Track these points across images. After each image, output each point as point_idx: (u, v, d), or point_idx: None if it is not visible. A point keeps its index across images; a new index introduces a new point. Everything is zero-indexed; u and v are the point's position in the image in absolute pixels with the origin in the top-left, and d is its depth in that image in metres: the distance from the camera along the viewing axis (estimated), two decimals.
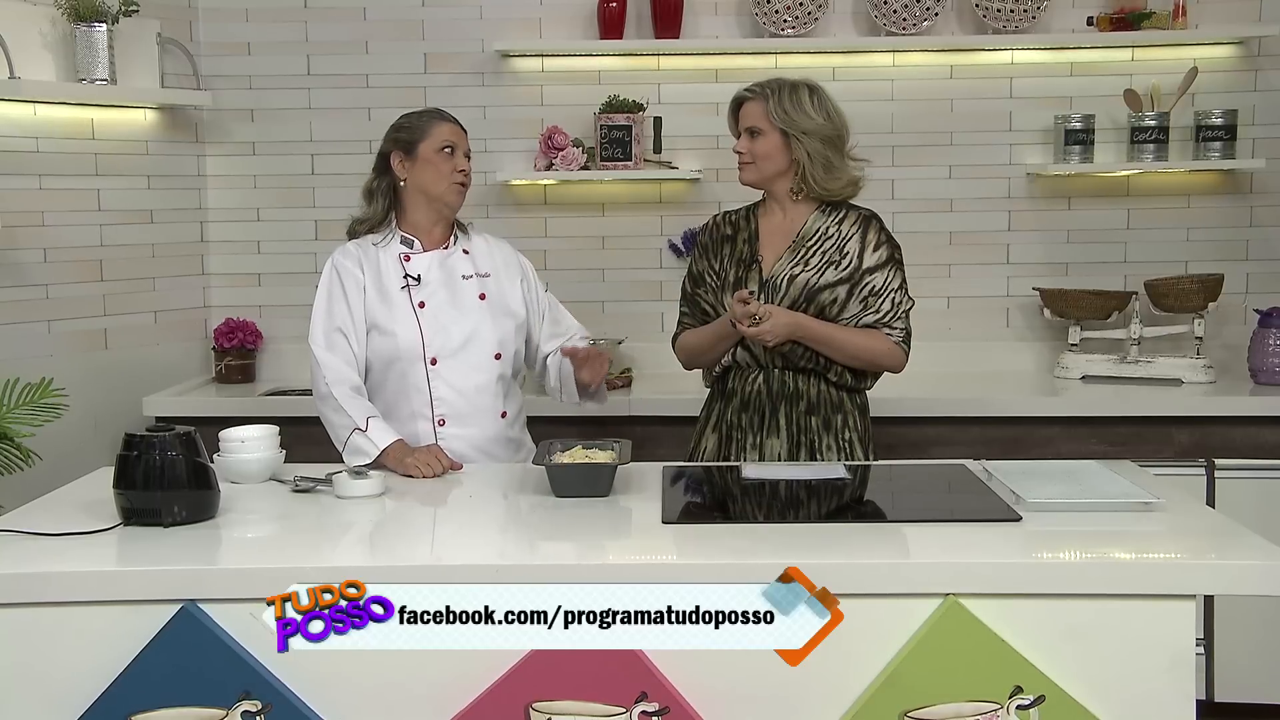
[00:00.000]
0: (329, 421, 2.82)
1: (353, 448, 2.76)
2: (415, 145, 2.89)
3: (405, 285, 2.90)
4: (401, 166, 2.91)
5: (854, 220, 2.93)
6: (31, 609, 2.07)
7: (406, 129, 2.93)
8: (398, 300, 2.90)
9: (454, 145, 2.90)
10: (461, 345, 2.90)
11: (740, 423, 2.93)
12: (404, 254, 2.93)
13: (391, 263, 2.92)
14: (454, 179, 2.90)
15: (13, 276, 3.71)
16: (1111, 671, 2.05)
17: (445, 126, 2.92)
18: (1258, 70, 4.11)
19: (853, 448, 2.93)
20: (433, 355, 2.88)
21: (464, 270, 2.96)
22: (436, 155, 2.89)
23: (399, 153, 2.91)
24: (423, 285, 2.91)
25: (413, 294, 2.90)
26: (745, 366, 2.93)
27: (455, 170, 2.90)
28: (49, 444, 3.30)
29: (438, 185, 2.90)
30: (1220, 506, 3.48)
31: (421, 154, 2.89)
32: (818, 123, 2.87)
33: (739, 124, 2.94)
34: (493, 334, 2.93)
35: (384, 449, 2.73)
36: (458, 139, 2.92)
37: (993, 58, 4.17)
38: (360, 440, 2.75)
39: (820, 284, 2.86)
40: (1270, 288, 4.14)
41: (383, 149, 2.96)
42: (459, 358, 2.89)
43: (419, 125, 2.92)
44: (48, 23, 3.71)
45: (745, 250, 2.95)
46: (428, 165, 2.89)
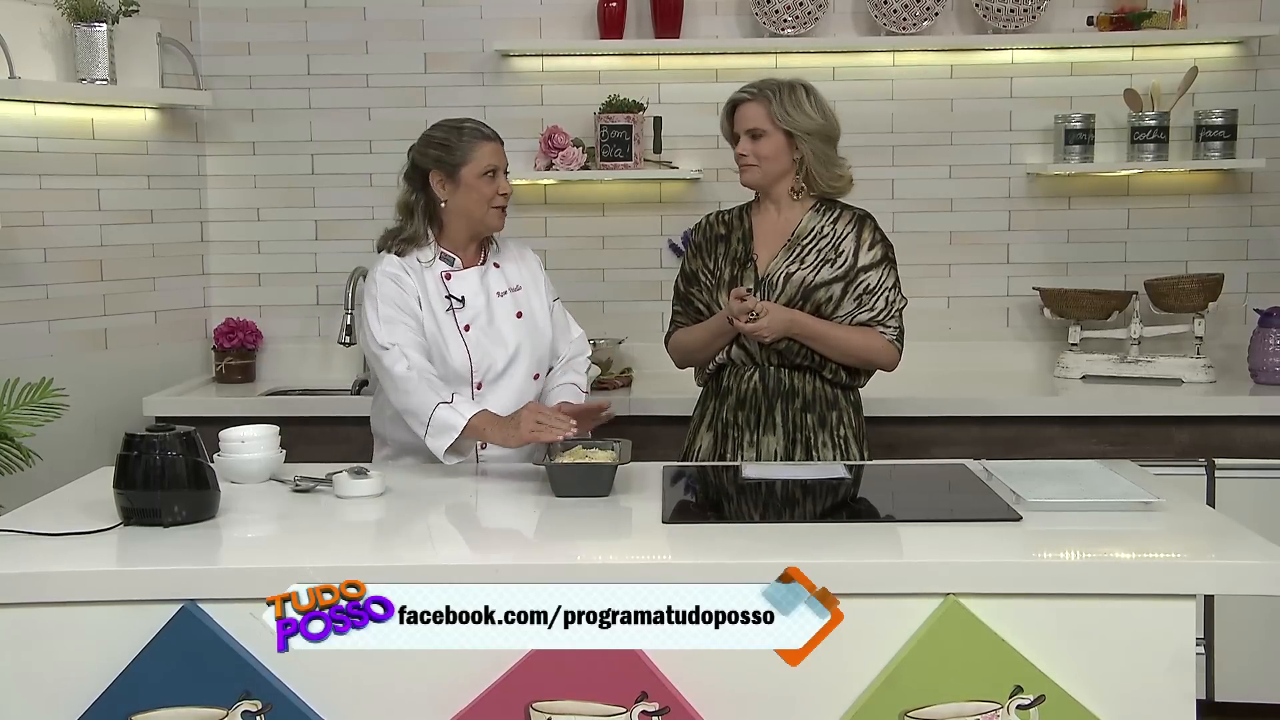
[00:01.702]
0: (407, 407, 2.72)
1: (438, 423, 2.67)
2: (458, 169, 2.80)
3: (450, 308, 2.85)
4: (442, 188, 2.83)
5: (849, 219, 2.94)
6: (31, 609, 2.07)
7: (447, 149, 2.81)
8: (445, 322, 2.83)
9: (496, 167, 2.82)
10: (505, 369, 2.86)
11: (736, 420, 2.93)
12: (446, 272, 2.87)
13: (435, 282, 2.85)
14: (496, 203, 2.83)
15: (13, 276, 3.71)
16: (1111, 671, 2.05)
17: (487, 148, 2.82)
18: (1258, 70, 4.11)
19: (848, 445, 2.93)
20: (479, 379, 2.84)
21: (498, 287, 2.90)
22: (479, 180, 2.81)
23: (440, 174, 2.82)
24: (466, 307, 2.86)
25: (458, 317, 2.85)
26: (740, 364, 2.94)
27: (498, 194, 2.83)
28: (49, 444, 3.31)
29: (480, 209, 2.83)
30: (1220, 506, 3.48)
31: (464, 179, 2.81)
32: (818, 122, 2.88)
33: (735, 126, 2.94)
34: (531, 355, 2.90)
35: (470, 417, 2.65)
36: (499, 160, 2.84)
37: (993, 57, 4.17)
38: (445, 413, 2.66)
39: (816, 282, 2.87)
40: (1270, 287, 4.14)
41: (419, 163, 2.85)
42: (502, 382, 2.86)
43: (461, 147, 2.81)
44: (48, 23, 3.70)
45: (740, 249, 2.95)
46: (471, 191, 2.81)
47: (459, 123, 2.88)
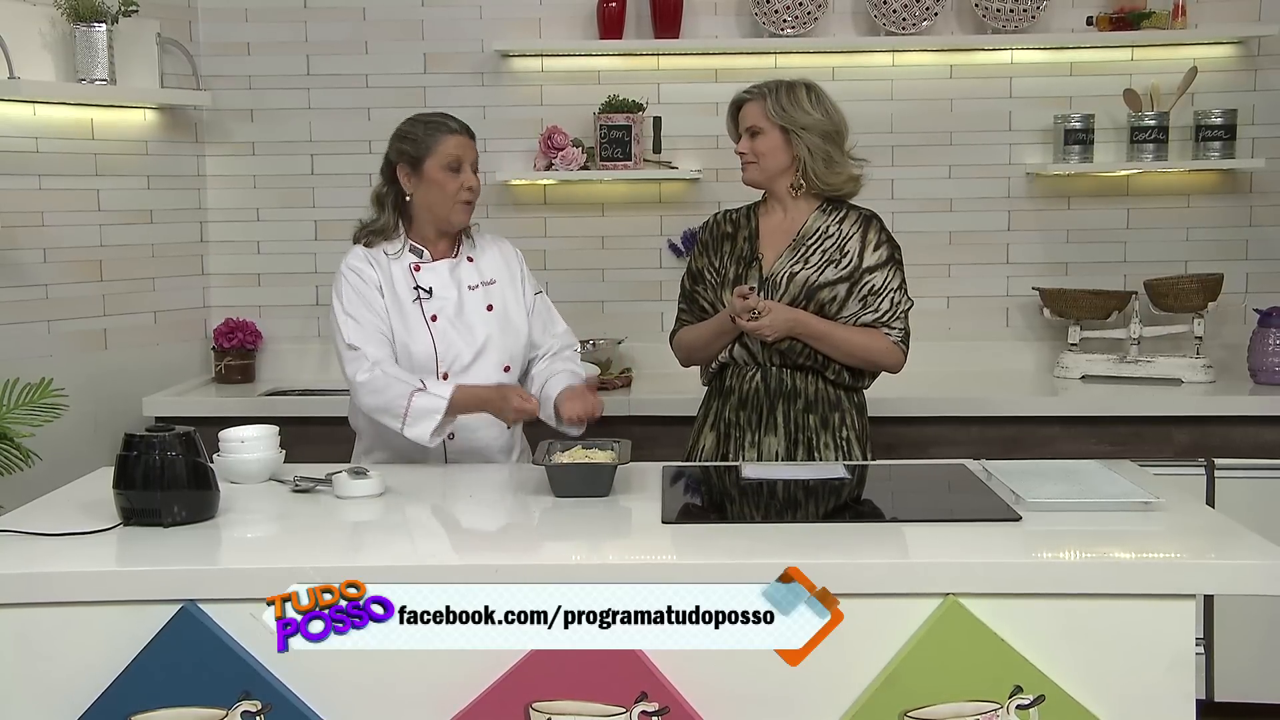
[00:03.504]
0: (378, 406, 2.71)
1: (417, 411, 2.66)
2: (421, 161, 2.77)
3: (417, 298, 2.83)
4: (408, 181, 2.80)
5: (854, 220, 2.94)
6: (31, 609, 2.07)
7: (411, 141, 2.79)
8: (410, 312, 2.82)
9: (461, 160, 2.78)
10: (472, 359, 2.84)
11: (738, 420, 2.93)
12: (414, 264, 2.85)
13: (402, 273, 2.84)
14: (460, 197, 2.79)
15: (13, 276, 3.71)
16: (1111, 671, 2.05)
17: (451, 140, 2.78)
18: (1257, 70, 4.11)
19: (850, 446, 2.93)
20: (444, 370, 2.82)
21: (470, 280, 2.88)
22: (442, 173, 2.77)
23: (404, 166, 2.80)
24: (434, 298, 2.84)
25: (424, 307, 2.83)
26: (743, 364, 2.94)
27: (462, 188, 2.78)
28: (49, 444, 3.30)
29: (443, 205, 2.79)
30: (1220, 506, 3.48)
31: (427, 171, 2.77)
32: (815, 118, 2.88)
33: (739, 126, 2.96)
34: (501, 347, 2.87)
35: (450, 396, 2.65)
36: (464, 151, 2.79)
37: (992, 57, 4.17)
38: (423, 399, 2.66)
39: (820, 282, 2.87)
40: (1270, 287, 4.14)
41: (389, 155, 2.84)
42: (470, 372, 2.83)
43: (424, 139, 2.78)
44: (47, 23, 3.70)
45: (745, 248, 2.96)
46: (433, 184, 2.78)
47: (427, 116, 2.86)
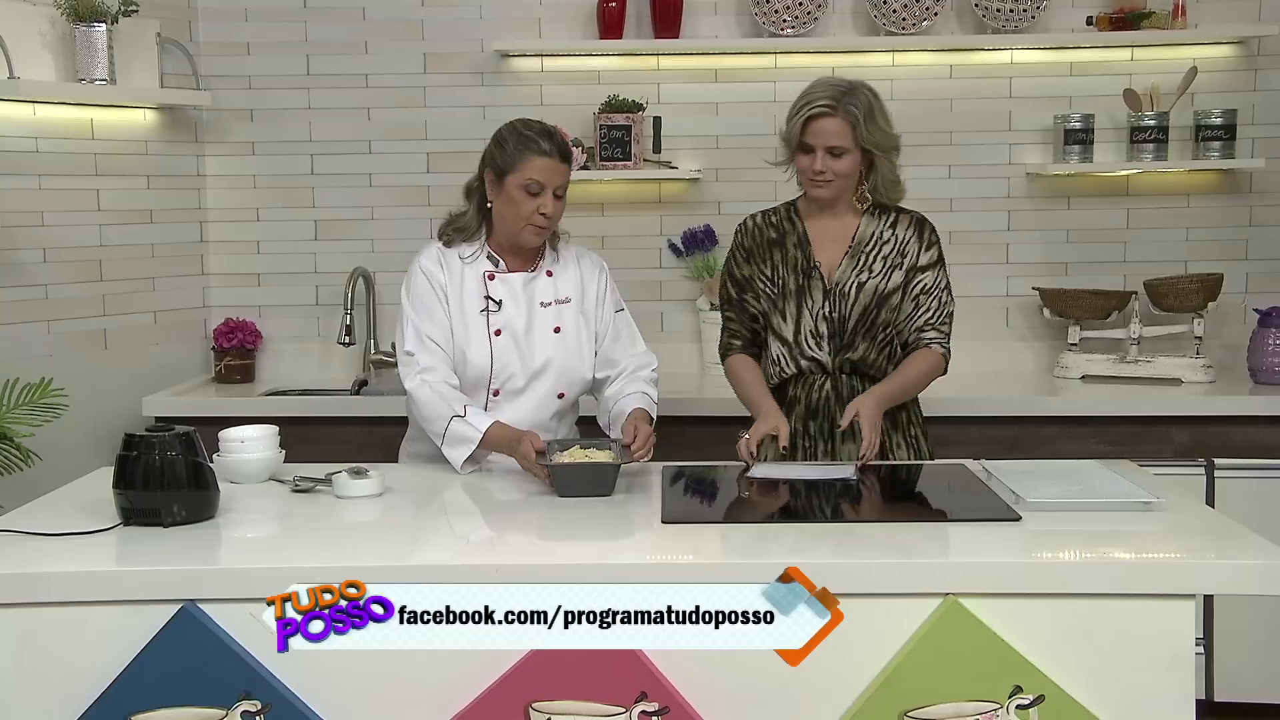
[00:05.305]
0: (422, 417, 2.71)
1: (453, 436, 2.65)
2: (505, 174, 2.70)
3: (485, 309, 2.78)
4: (491, 188, 2.75)
5: (908, 223, 2.91)
6: (31, 609, 2.07)
7: (501, 150, 2.72)
8: (474, 321, 2.77)
9: (543, 186, 2.69)
10: (527, 382, 2.80)
11: (808, 430, 2.88)
12: (489, 272, 2.80)
13: (475, 280, 2.79)
14: (533, 220, 2.71)
15: (12, 276, 3.71)
16: (1111, 671, 2.05)
17: (538, 162, 2.68)
18: (1257, 70, 4.11)
19: (919, 443, 2.94)
20: (496, 386, 2.79)
21: (544, 296, 2.82)
22: (520, 192, 2.69)
23: (491, 173, 2.74)
24: (502, 311, 2.78)
25: (490, 319, 2.78)
26: (811, 374, 2.90)
27: (536, 212, 2.70)
28: (49, 444, 3.31)
29: (515, 223, 2.73)
30: (1220, 506, 3.48)
31: (507, 186, 2.71)
32: (893, 138, 2.83)
33: (808, 136, 2.78)
34: (560, 373, 2.82)
35: (485, 431, 2.64)
36: (548, 176, 2.69)
37: (992, 57, 4.17)
38: (460, 427, 2.65)
39: (889, 289, 2.85)
40: (1270, 287, 4.14)
41: (485, 153, 2.77)
42: (523, 394, 2.80)
43: (512, 153, 2.70)
44: (47, 23, 3.70)
45: (798, 256, 2.89)
46: (510, 201, 2.71)
47: (526, 125, 2.76)
